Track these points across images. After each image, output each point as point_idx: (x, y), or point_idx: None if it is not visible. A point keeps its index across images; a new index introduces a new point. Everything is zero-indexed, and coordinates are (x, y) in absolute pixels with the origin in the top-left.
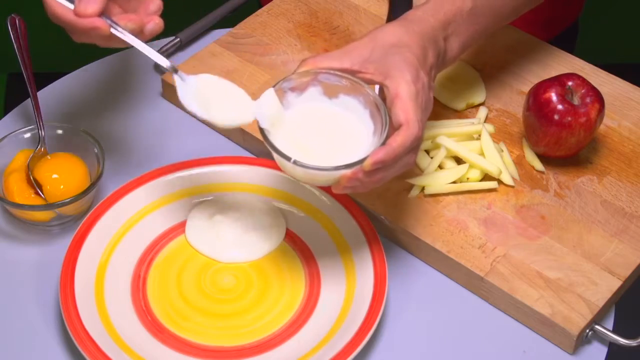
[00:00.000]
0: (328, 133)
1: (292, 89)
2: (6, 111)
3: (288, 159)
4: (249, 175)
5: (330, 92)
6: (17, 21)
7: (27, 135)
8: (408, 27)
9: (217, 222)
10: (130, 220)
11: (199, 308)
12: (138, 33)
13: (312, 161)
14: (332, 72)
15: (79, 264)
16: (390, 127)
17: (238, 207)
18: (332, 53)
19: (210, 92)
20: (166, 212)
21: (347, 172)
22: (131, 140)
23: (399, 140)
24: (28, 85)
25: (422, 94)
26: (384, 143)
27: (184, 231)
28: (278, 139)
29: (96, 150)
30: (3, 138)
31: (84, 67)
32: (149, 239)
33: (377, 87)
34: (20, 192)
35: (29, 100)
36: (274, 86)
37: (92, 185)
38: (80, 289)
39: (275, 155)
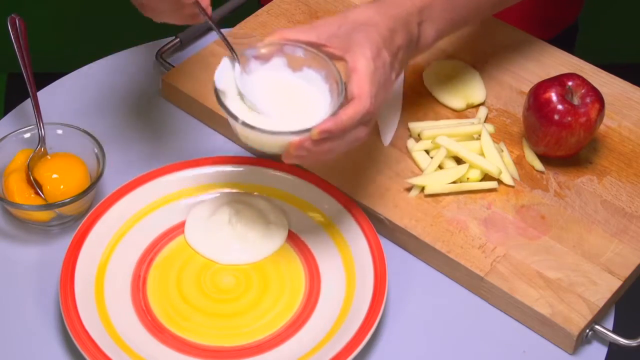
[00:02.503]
0: (286, 103)
1: (257, 57)
2: (6, 111)
3: (236, 119)
4: (249, 175)
5: (294, 64)
6: (17, 21)
7: (27, 135)
8: (381, 8)
9: (216, 223)
10: (130, 220)
11: (199, 308)
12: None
13: (264, 126)
14: (297, 44)
15: (79, 264)
16: (345, 100)
17: (238, 207)
18: (301, 27)
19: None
20: (166, 212)
21: (295, 139)
22: (131, 140)
23: (349, 112)
24: (28, 85)
25: (380, 72)
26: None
27: (184, 231)
28: (235, 103)
29: (96, 150)
30: (3, 138)
31: (84, 67)
32: (149, 239)
33: None
34: (20, 192)
35: (29, 100)
36: (234, 50)
37: (92, 185)
38: (80, 289)
39: (227, 118)
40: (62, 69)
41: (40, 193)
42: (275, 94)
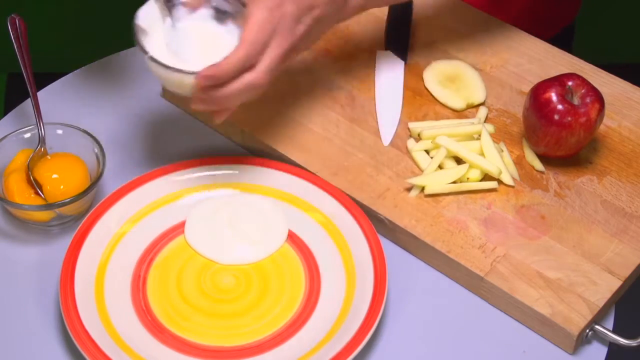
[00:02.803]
0: (206, 52)
1: (184, 4)
2: (6, 111)
3: (145, 52)
4: (249, 175)
5: (219, 17)
6: (17, 21)
7: (27, 135)
8: None
9: (217, 223)
10: (130, 220)
11: (199, 308)
12: None
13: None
14: None
15: (79, 264)
16: None
17: (238, 207)
18: None
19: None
20: (166, 212)
21: (193, 79)
22: (131, 140)
23: (230, 56)
24: (28, 85)
25: (276, 21)
26: None
27: (184, 231)
28: (156, 44)
29: (96, 150)
30: (3, 138)
31: (84, 67)
32: (149, 239)
33: None
34: (20, 192)
35: (29, 100)
36: None
37: (92, 185)
38: (80, 289)
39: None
40: (63, 69)
41: (40, 193)
42: (198, 43)
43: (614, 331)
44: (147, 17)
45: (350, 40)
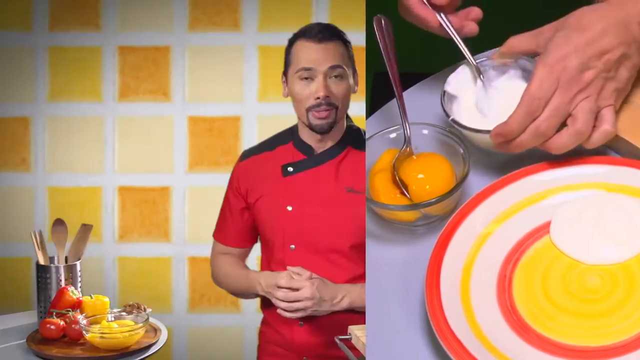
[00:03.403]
0: (511, 108)
1: (494, 68)
2: (372, 111)
3: (448, 116)
4: (615, 175)
5: (526, 76)
6: (382, 21)
7: (393, 135)
8: (599, 10)
9: (583, 223)
10: (495, 221)
11: (564, 308)
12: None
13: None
14: (528, 58)
15: (444, 264)
16: None
17: (604, 207)
18: (527, 34)
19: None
20: (531, 212)
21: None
22: None
23: (513, 113)
24: (393, 85)
25: (557, 75)
26: None
27: (549, 231)
28: (464, 103)
29: (462, 151)
30: (369, 138)
31: (447, 69)
32: (515, 239)
33: None
34: (385, 192)
35: (394, 99)
36: (474, 60)
37: (458, 185)
38: (445, 289)
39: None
40: (427, 69)
41: (406, 193)
42: (505, 101)
43: None
44: (458, 82)
45: None
